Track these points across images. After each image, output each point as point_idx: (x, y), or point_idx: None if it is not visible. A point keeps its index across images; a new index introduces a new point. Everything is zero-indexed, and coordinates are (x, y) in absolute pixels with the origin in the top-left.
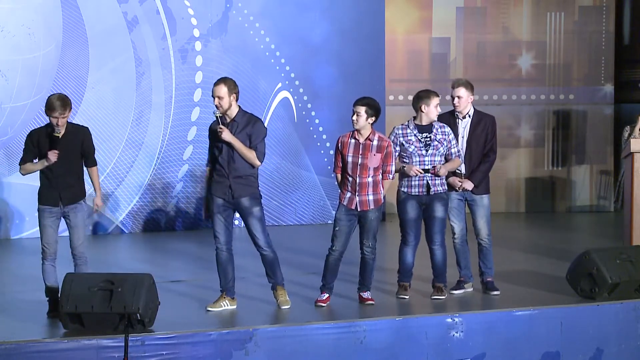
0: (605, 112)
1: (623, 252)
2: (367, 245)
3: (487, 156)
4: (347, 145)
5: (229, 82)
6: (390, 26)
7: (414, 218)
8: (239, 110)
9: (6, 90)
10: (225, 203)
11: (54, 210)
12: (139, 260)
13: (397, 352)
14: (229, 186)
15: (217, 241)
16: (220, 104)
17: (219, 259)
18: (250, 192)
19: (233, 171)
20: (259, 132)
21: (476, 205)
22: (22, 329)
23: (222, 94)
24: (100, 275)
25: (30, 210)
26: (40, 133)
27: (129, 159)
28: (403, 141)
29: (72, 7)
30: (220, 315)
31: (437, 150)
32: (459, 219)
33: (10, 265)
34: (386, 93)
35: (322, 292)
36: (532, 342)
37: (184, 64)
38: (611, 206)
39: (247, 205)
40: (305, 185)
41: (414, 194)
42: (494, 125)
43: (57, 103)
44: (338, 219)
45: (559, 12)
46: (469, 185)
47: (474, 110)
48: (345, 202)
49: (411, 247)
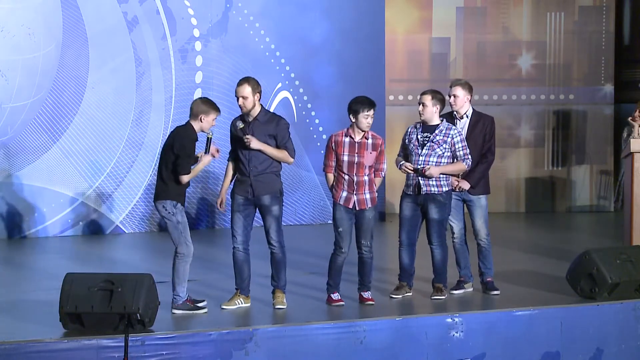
0: (605, 112)
1: (623, 252)
2: (365, 245)
3: (485, 157)
4: (341, 144)
5: (253, 82)
6: (390, 26)
7: (408, 217)
8: (261, 109)
9: (6, 90)
10: (246, 201)
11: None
12: (139, 260)
13: (397, 352)
14: (250, 185)
15: (235, 240)
16: (244, 104)
17: (235, 258)
18: (271, 190)
19: (254, 169)
20: (283, 131)
21: (474, 205)
22: (22, 329)
23: (246, 93)
24: (100, 275)
25: (30, 210)
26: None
27: (129, 159)
28: (407, 139)
29: (72, 7)
30: (220, 315)
31: (433, 150)
32: (457, 218)
33: (11, 265)
34: (386, 93)
35: (333, 292)
36: (532, 342)
37: (184, 64)
38: (611, 206)
39: (267, 204)
40: (305, 186)
41: (409, 193)
42: (492, 125)
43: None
44: (340, 219)
45: (559, 12)
46: (466, 185)
47: (473, 110)
48: (342, 201)
49: (405, 247)
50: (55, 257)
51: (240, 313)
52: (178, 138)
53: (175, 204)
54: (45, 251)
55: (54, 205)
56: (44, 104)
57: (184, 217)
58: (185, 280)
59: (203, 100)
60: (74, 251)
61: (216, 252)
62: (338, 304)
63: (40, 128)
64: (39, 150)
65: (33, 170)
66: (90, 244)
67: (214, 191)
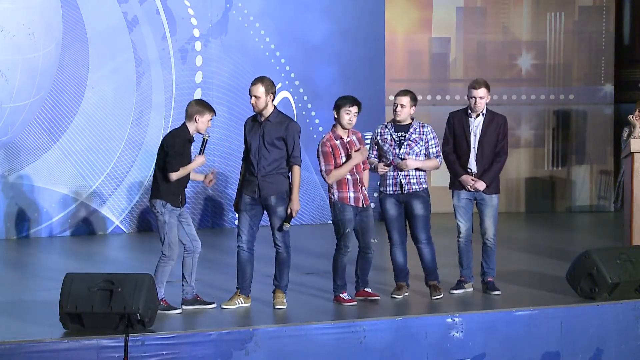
0: (605, 112)
1: (623, 252)
2: (373, 244)
3: (499, 156)
4: (337, 148)
5: (266, 82)
6: (390, 26)
7: (395, 216)
8: (273, 110)
9: (6, 90)
10: (253, 201)
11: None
12: (139, 260)
13: (397, 352)
14: (257, 185)
15: (240, 239)
16: (256, 103)
17: (239, 258)
18: (278, 190)
19: (262, 169)
20: (292, 135)
21: (485, 204)
22: (22, 329)
23: (258, 93)
24: (100, 275)
25: (30, 210)
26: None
27: (129, 159)
28: (379, 139)
29: (72, 7)
30: (221, 315)
31: (411, 149)
32: (465, 218)
33: (11, 265)
34: (386, 93)
35: (342, 292)
36: (532, 342)
37: (184, 64)
38: (611, 206)
39: (273, 204)
40: (305, 186)
41: (390, 193)
42: (505, 125)
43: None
44: (349, 221)
45: (559, 12)
46: (481, 186)
47: (487, 109)
48: (352, 202)
49: (398, 247)
50: (55, 257)
51: (240, 313)
52: (169, 137)
53: (165, 203)
54: (45, 251)
55: (54, 205)
56: (44, 104)
57: (171, 219)
58: (163, 282)
59: (197, 101)
60: (74, 251)
61: (217, 252)
62: (351, 303)
63: (40, 128)
64: (39, 150)
65: (33, 170)
66: (90, 244)
67: (218, 191)
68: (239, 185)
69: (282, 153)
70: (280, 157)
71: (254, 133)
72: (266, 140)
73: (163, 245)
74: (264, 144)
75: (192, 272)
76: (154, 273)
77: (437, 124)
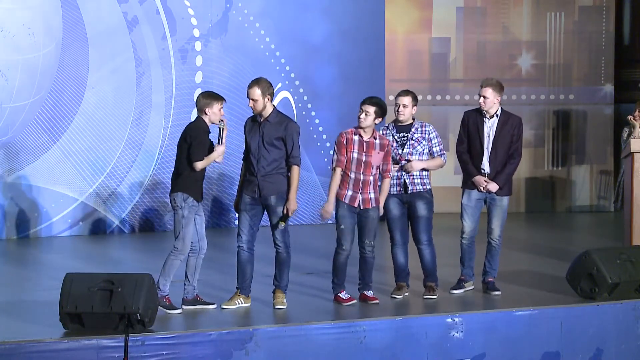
0: (605, 112)
1: (623, 252)
2: (369, 244)
3: (512, 157)
4: (352, 142)
5: (263, 84)
6: (390, 26)
7: (397, 216)
8: (272, 110)
9: (6, 90)
10: (253, 201)
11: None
12: (139, 260)
13: (397, 352)
14: (257, 185)
15: (240, 239)
16: (254, 106)
17: (239, 257)
18: (278, 190)
19: (261, 169)
20: (292, 134)
21: (495, 205)
22: (22, 329)
23: (255, 96)
24: (100, 275)
25: (30, 210)
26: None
27: (129, 159)
28: None
29: (72, 7)
30: (220, 315)
31: (414, 148)
32: (472, 219)
33: (11, 265)
34: (386, 93)
35: (341, 291)
36: (532, 342)
37: (184, 64)
38: (611, 206)
39: (273, 204)
40: (305, 186)
41: (393, 193)
42: (520, 126)
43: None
44: (342, 217)
45: (559, 12)
46: (494, 188)
47: (502, 110)
48: (347, 200)
49: (400, 247)
50: (55, 257)
51: (240, 313)
52: (189, 129)
53: (186, 197)
54: (45, 251)
55: (54, 205)
56: (44, 104)
57: (190, 214)
58: (170, 275)
59: (204, 94)
60: (74, 251)
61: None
62: (350, 302)
63: (40, 128)
64: (39, 150)
65: (33, 170)
66: (90, 244)
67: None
68: (239, 185)
69: (282, 153)
70: (279, 157)
71: (254, 133)
72: (265, 141)
73: (176, 239)
74: (264, 144)
75: (196, 272)
76: (162, 266)
77: (437, 123)
